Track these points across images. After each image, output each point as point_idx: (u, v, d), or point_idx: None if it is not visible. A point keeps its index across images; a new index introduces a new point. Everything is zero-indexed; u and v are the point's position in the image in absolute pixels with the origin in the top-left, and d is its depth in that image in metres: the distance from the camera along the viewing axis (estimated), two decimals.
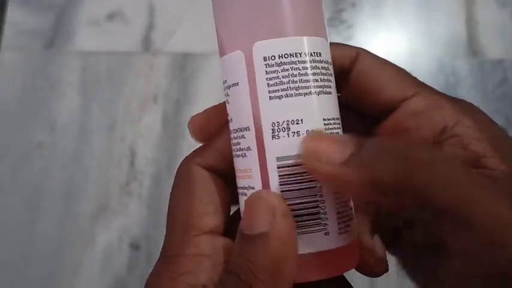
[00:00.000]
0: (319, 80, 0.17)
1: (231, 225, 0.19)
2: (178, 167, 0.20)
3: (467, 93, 0.41)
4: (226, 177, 0.20)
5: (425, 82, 0.19)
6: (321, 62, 0.17)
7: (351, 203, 0.18)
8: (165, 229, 0.19)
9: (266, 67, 0.17)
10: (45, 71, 0.43)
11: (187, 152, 0.21)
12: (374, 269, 0.19)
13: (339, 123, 0.18)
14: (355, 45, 0.19)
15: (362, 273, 0.19)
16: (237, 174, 0.18)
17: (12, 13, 0.44)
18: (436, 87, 0.19)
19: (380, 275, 0.19)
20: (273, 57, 0.17)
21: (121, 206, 0.40)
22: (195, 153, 0.20)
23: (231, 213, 0.20)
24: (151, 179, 0.40)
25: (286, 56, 0.17)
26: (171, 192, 0.20)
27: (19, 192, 0.40)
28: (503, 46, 0.43)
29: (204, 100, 0.42)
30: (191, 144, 0.21)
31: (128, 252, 0.39)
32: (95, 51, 0.43)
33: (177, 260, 0.17)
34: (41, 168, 0.40)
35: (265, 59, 0.17)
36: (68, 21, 0.44)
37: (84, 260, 0.39)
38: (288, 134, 0.16)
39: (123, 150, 0.41)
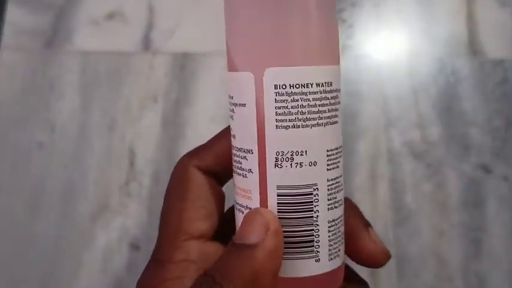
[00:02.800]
0: (327, 110, 0.17)
1: (223, 228, 0.19)
2: (175, 166, 0.20)
3: (467, 93, 0.41)
4: (222, 180, 0.20)
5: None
6: (331, 91, 0.17)
7: (343, 228, 0.18)
8: None
9: (276, 95, 0.16)
10: (44, 70, 0.43)
11: (187, 152, 0.21)
12: (377, 259, 0.19)
13: (341, 152, 0.18)
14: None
15: (366, 266, 0.19)
16: (236, 190, 0.18)
17: (12, 13, 0.44)
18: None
19: (384, 264, 0.19)
20: (284, 86, 0.16)
21: (121, 206, 0.40)
22: (193, 154, 0.20)
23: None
24: (151, 179, 0.40)
25: (297, 86, 0.16)
26: (165, 193, 0.20)
27: (19, 192, 0.40)
28: (503, 46, 0.43)
29: (204, 100, 0.42)
30: (191, 144, 0.21)
31: (128, 252, 0.39)
32: (95, 51, 0.43)
33: (166, 266, 0.18)
34: (41, 168, 0.40)
35: (276, 87, 0.16)
36: (68, 21, 0.44)
37: (84, 260, 0.38)
38: (291, 164, 0.16)
39: (122, 150, 0.41)
